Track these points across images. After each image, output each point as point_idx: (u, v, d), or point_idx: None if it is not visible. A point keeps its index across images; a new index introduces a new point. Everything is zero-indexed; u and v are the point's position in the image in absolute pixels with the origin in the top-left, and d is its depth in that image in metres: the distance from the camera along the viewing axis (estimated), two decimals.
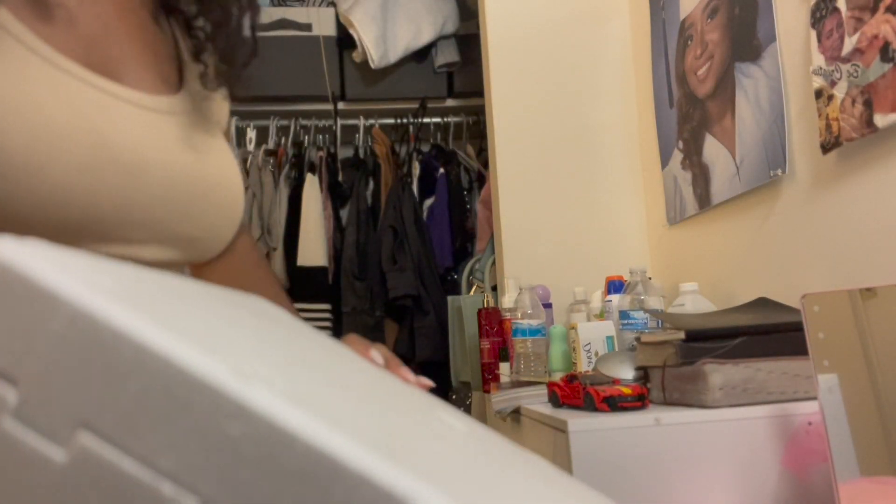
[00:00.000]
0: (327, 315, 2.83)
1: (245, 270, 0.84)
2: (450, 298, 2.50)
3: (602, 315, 1.79)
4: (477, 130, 3.03)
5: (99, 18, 0.65)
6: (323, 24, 2.94)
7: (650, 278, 1.73)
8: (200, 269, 0.79)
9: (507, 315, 1.90)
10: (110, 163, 0.60)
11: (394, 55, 2.87)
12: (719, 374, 1.06)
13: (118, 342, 0.29)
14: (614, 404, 1.09)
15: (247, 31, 0.74)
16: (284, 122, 3.00)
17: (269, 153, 2.96)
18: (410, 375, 0.65)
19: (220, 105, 0.77)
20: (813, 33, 1.29)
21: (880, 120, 1.13)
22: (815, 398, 0.88)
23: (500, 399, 1.56)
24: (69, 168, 0.57)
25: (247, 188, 2.81)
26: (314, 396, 0.32)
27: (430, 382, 0.66)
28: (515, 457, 0.47)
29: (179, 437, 0.28)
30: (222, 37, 0.72)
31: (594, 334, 1.63)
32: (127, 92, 0.64)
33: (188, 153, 0.67)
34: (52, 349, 0.29)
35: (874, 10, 1.13)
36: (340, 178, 2.98)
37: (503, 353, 1.90)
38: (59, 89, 0.58)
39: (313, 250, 2.77)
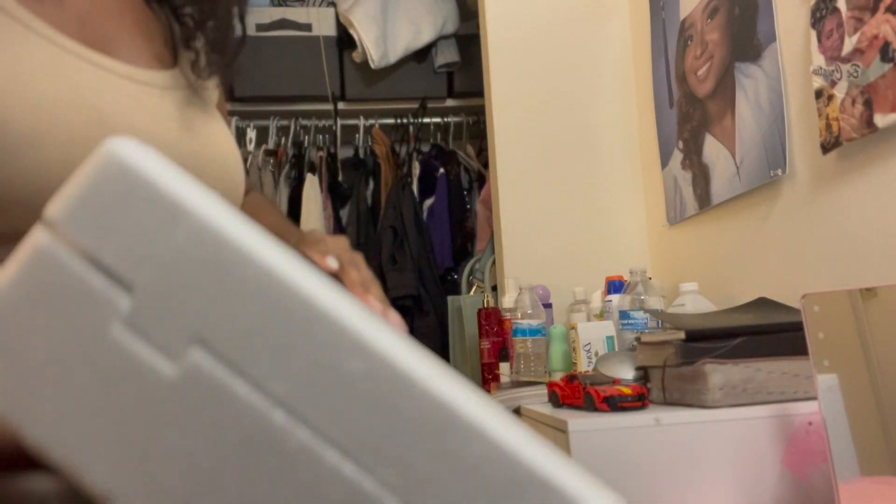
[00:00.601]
0: None
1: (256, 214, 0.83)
2: (450, 298, 2.50)
3: (602, 315, 1.79)
4: (477, 130, 3.03)
5: None
6: (323, 24, 2.94)
7: (650, 278, 1.73)
8: None
9: (507, 315, 1.90)
10: (109, 133, 0.60)
11: (394, 55, 2.87)
12: (719, 374, 1.06)
13: (243, 262, 0.28)
14: (614, 404, 1.09)
15: (236, 22, 0.73)
16: (284, 122, 3.00)
17: (269, 153, 2.96)
18: (377, 304, 0.62)
19: (213, 91, 0.77)
20: (813, 33, 1.29)
21: (880, 120, 1.13)
22: (815, 398, 0.88)
23: (500, 399, 1.56)
24: (67, 142, 0.57)
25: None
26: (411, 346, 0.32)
27: (398, 317, 0.62)
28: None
29: (296, 366, 0.27)
30: (211, 26, 0.72)
31: (594, 334, 1.63)
32: (121, 66, 0.64)
33: (182, 129, 0.67)
34: (172, 260, 0.28)
35: (874, 10, 1.13)
36: (340, 178, 2.98)
37: (503, 353, 1.90)
38: (56, 65, 0.59)
39: None
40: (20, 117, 0.55)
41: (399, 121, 3.07)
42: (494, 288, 2.35)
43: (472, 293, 2.54)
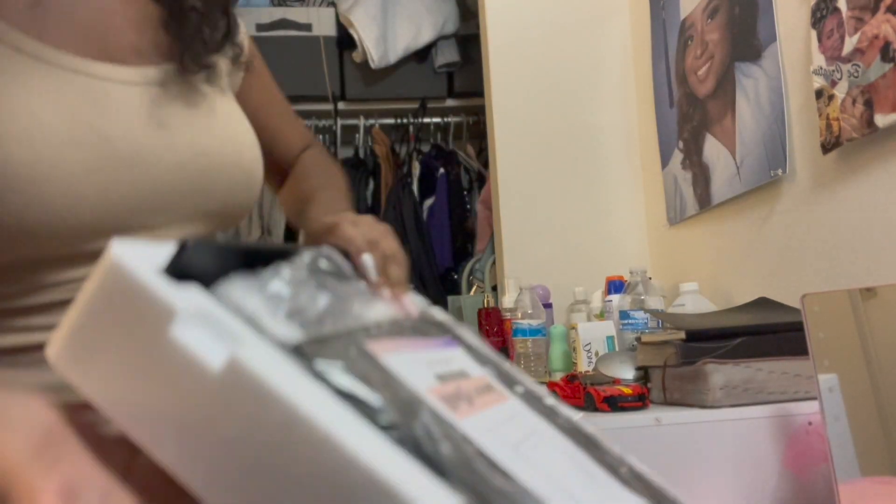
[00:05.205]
0: None
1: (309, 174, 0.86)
2: (450, 298, 2.50)
3: (602, 315, 1.79)
4: (477, 130, 3.03)
5: (94, 2, 0.66)
6: (323, 24, 2.94)
7: (650, 278, 1.73)
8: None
9: (507, 315, 1.90)
10: (112, 158, 0.60)
11: (394, 55, 2.87)
12: (720, 374, 1.06)
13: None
14: (614, 404, 1.09)
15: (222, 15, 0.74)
16: None
17: None
18: (412, 306, 0.56)
19: (228, 70, 0.77)
20: (813, 33, 1.29)
21: (880, 120, 1.13)
22: (815, 398, 0.88)
23: None
24: (74, 171, 0.57)
25: None
26: None
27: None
28: None
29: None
30: (206, 20, 0.72)
31: (594, 334, 1.63)
32: (124, 72, 0.64)
33: (192, 125, 0.67)
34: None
35: (874, 10, 1.13)
36: None
37: (503, 353, 1.90)
38: (50, 87, 0.59)
39: None
40: (24, 154, 0.55)
41: (399, 121, 3.06)
42: (494, 288, 2.35)
43: (472, 293, 2.54)
